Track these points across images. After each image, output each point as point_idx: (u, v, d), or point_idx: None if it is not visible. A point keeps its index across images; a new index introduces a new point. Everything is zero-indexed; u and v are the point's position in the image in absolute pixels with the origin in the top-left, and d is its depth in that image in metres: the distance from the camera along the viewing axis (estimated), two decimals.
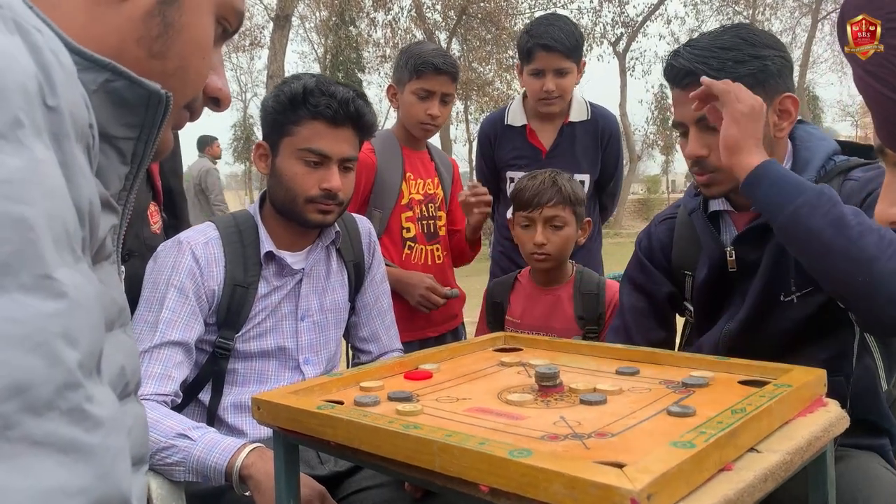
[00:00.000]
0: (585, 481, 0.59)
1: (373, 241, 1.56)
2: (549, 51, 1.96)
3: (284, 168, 1.33)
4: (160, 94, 0.52)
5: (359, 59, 16.57)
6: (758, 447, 0.74)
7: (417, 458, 0.71)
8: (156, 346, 1.23)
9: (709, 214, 1.30)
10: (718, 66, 1.15)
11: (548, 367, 0.94)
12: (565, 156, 2.09)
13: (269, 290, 1.36)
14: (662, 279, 1.38)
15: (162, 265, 1.29)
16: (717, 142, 1.15)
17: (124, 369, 0.53)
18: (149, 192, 1.39)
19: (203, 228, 1.35)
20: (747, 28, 1.21)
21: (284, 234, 1.39)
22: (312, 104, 1.30)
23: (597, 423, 0.79)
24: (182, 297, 1.27)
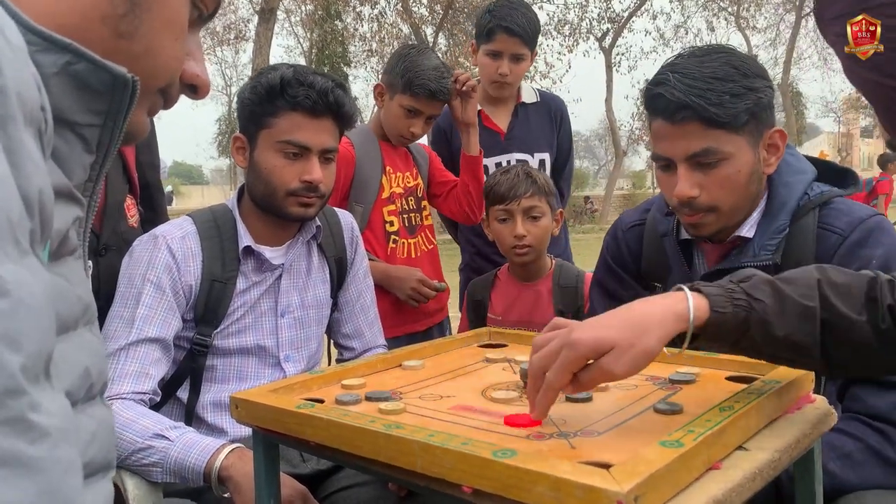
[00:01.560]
0: (571, 483, 0.57)
1: (355, 235, 1.53)
2: (510, 34, 1.96)
3: (263, 161, 1.30)
4: (126, 78, 0.50)
5: (344, 54, 16.47)
6: (746, 445, 0.73)
7: (399, 458, 0.69)
8: (132, 344, 1.20)
9: (681, 241, 1.26)
10: (716, 101, 1.06)
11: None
12: (524, 136, 2.10)
13: (248, 285, 1.33)
14: (635, 285, 1.33)
15: (137, 260, 1.26)
16: (710, 181, 1.11)
17: (88, 370, 0.51)
18: (125, 185, 1.36)
19: (179, 223, 1.32)
20: (735, 54, 1.13)
21: (264, 229, 1.36)
22: (291, 95, 1.27)
23: (583, 422, 0.77)
24: (158, 293, 1.24)
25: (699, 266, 1.24)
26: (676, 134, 1.11)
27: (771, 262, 1.13)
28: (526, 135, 2.10)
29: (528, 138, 2.10)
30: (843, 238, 1.09)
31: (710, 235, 1.18)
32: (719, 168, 1.11)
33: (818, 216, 1.13)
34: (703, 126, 1.09)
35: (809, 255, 1.12)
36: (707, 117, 1.07)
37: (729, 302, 0.77)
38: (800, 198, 1.15)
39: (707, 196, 1.12)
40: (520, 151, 2.09)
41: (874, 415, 1.01)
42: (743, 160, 1.12)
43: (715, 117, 1.07)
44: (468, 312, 1.76)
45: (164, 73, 0.57)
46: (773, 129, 1.14)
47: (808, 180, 1.17)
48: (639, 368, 0.73)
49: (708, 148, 1.10)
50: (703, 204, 1.13)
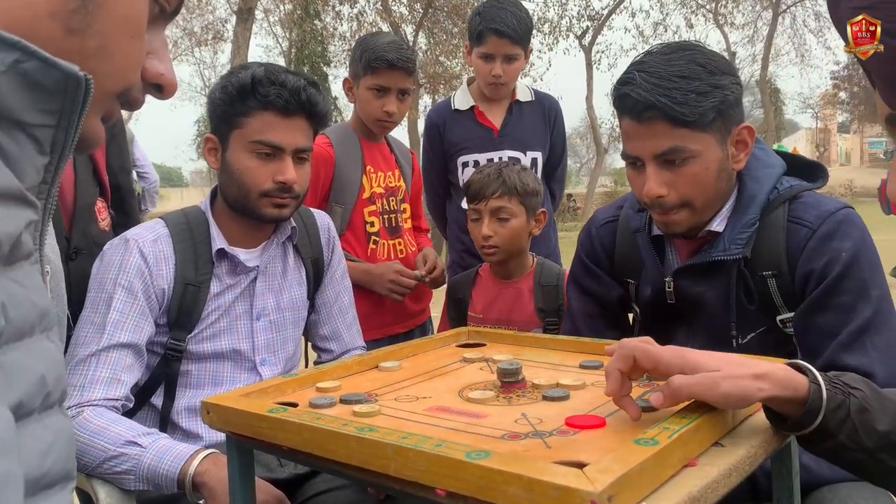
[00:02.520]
0: (544, 483, 0.56)
1: (332, 236, 1.51)
2: (500, 36, 1.95)
3: (235, 161, 1.28)
4: (78, 76, 0.48)
5: (324, 53, 16.37)
6: (722, 441, 0.72)
7: (372, 462, 0.68)
8: (103, 350, 1.17)
9: (653, 236, 1.26)
10: (682, 100, 1.07)
11: (510, 363, 0.91)
12: (517, 133, 2.10)
13: (222, 288, 1.31)
14: (610, 282, 1.34)
15: (108, 264, 1.23)
16: (678, 179, 1.11)
17: (45, 379, 0.49)
18: (96, 188, 1.33)
19: (151, 225, 1.30)
20: (700, 51, 1.13)
21: (238, 230, 1.33)
22: (262, 94, 1.25)
23: (559, 421, 0.76)
24: (130, 297, 1.21)
25: (672, 261, 1.24)
26: (644, 133, 1.11)
27: (741, 255, 1.13)
28: (519, 133, 2.10)
29: (521, 136, 2.10)
30: (813, 231, 1.10)
31: (684, 231, 1.18)
32: (687, 166, 1.11)
33: (788, 210, 1.14)
34: (669, 125, 1.09)
35: (780, 248, 1.12)
36: (673, 116, 1.07)
37: (826, 381, 0.74)
38: (769, 192, 1.15)
39: (676, 194, 1.13)
40: (512, 149, 2.10)
41: None
42: (711, 157, 1.12)
43: (681, 116, 1.07)
44: (448, 310, 1.75)
45: (120, 73, 0.55)
46: (742, 126, 1.14)
47: (777, 174, 1.17)
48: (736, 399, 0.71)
49: (675, 147, 1.10)
50: (672, 202, 1.13)
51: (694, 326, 1.22)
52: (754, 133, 1.17)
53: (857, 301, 1.04)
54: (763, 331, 1.16)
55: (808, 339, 1.10)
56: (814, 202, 1.14)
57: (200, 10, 16.84)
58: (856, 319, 1.04)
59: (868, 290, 1.04)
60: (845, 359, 1.03)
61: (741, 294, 1.16)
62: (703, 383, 0.70)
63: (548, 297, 1.61)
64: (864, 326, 1.03)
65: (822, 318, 1.07)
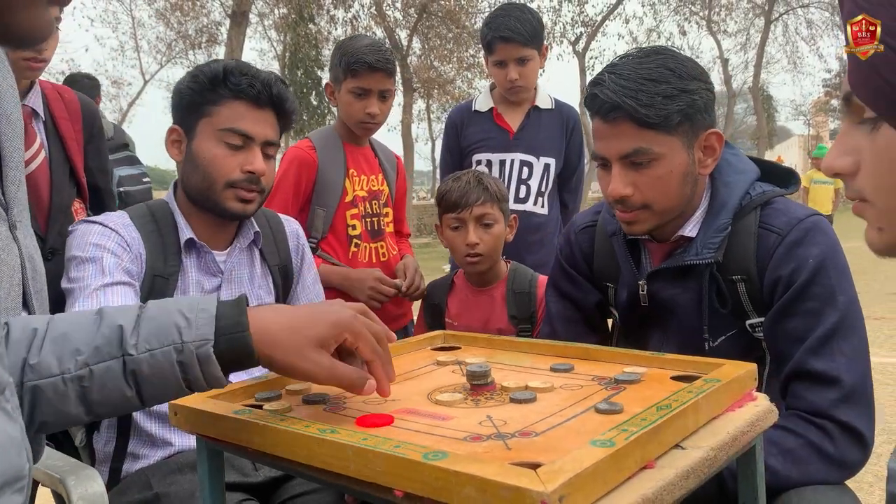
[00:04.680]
0: (497, 484, 0.56)
1: (301, 243, 1.48)
2: (507, 42, 2.00)
3: (202, 151, 1.25)
4: None
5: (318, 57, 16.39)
6: (683, 444, 0.73)
7: (333, 463, 0.68)
8: (108, 285, 1.16)
9: (628, 240, 1.27)
10: (648, 101, 1.08)
11: (479, 366, 0.92)
12: (532, 137, 2.14)
13: (189, 286, 1.29)
14: (589, 287, 1.35)
15: (83, 235, 1.21)
16: (642, 179, 1.12)
17: None
18: (72, 189, 1.33)
19: (117, 216, 1.27)
20: (672, 55, 1.14)
21: (201, 228, 1.31)
22: (234, 83, 1.24)
23: (522, 422, 0.77)
24: (116, 257, 1.19)
25: (646, 265, 1.25)
26: (610, 133, 1.13)
27: (713, 259, 1.14)
28: (534, 137, 2.14)
29: (536, 141, 2.14)
30: (782, 237, 1.11)
31: (646, 233, 1.20)
32: (651, 168, 1.12)
33: (759, 216, 1.15)
34: (634, 126, 1.10)
35: (750, 253, 1.13)
36: (638, 118, 1.09)
37: None
38: (741, 197, 1.16)
39: (640, 195, 1.14)
40: (525, 152, 2.14)
41: (815, 411, 1.03)
42: (676, 161, 1.13)
43: (645, 118, 1.09)
44: (425, 316, 1.75)
45: None
46: (710, 131, 1.15)
47: (749, 180, 1.18)
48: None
49: (639, 148, 1.11)
50: (635, 202, 1.15)
51: (668, 329, 1.23)
52: (723, 139, 1.18)
53: (824, 307, 1.05)
54: (734, 334, 1.17)
55: (776, 343, 1.11)
56: (784, 209, 1.15)
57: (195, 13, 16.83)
58: (823, 325, 1.05)
59: (835, 296, 1.05)
60: (812, 363, 1.04)
61: (713, 298, 1.17)
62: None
63: (521, 304, 1.62)
64: (831, 332, 1.04)
65: (790, 323, 1.08)
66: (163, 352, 0.73)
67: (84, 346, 0.72)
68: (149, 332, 0.73)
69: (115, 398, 0.73)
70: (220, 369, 0.74)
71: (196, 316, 0.74)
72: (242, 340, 0.74)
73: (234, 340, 0.74)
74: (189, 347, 0.73)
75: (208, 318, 0.74)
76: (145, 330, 0.73)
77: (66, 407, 0.71)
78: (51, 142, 1.40)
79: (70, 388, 0.71)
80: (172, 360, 0.73)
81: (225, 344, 0.74)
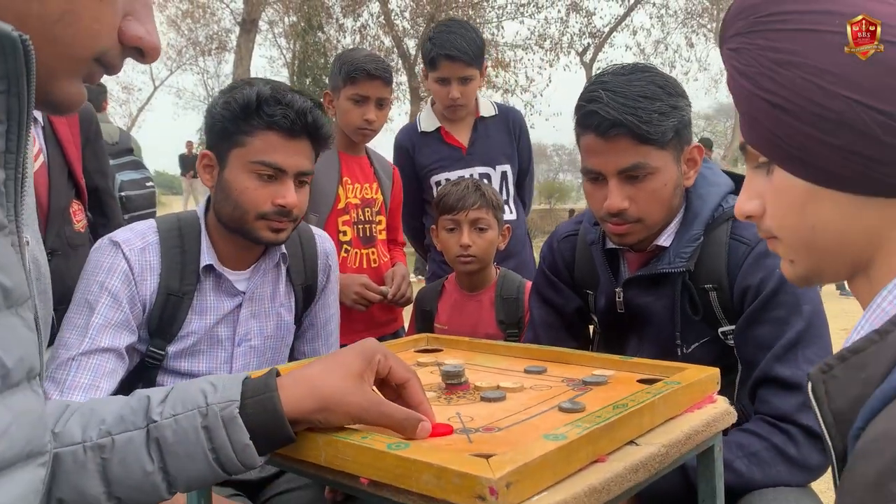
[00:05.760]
0: (451, 471, 0.61)
1: (330, 263, 1.48)
2: (453, 60, 2.02)
3: (234, 181, 1.24)
4: (12, 38, 0.47)
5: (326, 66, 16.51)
6: (637, 440, 0.77)
7: (306, 453, 0.73)
8: (84, 353, 1.17)
9: (606, 249, 1.32)
10: (647, 119, 1.12)
11: (453, 367, 0.96)
12: (484, 149, 2.16)
13: (206, 307, 1.29)
14: (570, 294, 1.40)
15: (96, 266, 1.23)
16: (639, 193, 1.16)
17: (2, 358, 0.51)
18: (71, 190, 1.38)
19: (143, 231, 1.27)
20: (658, 73, 1.19)
21: (228, 250, 1.31)
22: (268, 114, 1.20)
23: (488, 419, 0.81)
24: (115, 303, 1.21)
25: (623, 273, 1.30)
26: (608, 149, 1.16)
27: (685, 268, 1.19)
28: (487, 148, 2.17)
29: (489, 151, 2.17)
30: (751, 248, 1.15)
31: (635, 243, 1.24)
32: (647, 182, 1.17)
33: (731, 227, 1.19)
34: (633, 142, 1.14)
35: (721, 263, 1.18)
36: (640, 134, 1.13)
37: None
38: (714, 209, 1.21)
39: (636, 208, 1.18)
40: (481, 165, 2.16)
41: (780, 415, 1.07)
42: (669, 174, 1.18)
43: (646, 134, 1.13)
44: (416, 321, 1.80)
45: (90, 37, 0.54)
46: (692, 145, 1.21)
47: (722, 192, 1.23)
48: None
49: (638, 163, 1.15)
50: (631, 215, 1.19)
51: (643, 336, 1.27)
52: (703, 152, 1.23)
53: (790, 315, 1.10)
54: (706, 341, 1.21)
55: (746, 350, 1.15)
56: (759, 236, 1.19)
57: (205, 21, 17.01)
58: (788, 333, 1.09)
59: (800, 304, 1.10)
60: (777, 370, 1.08)
61: (686, 306, 1.21)
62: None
63: (509, 310, 1.67)
64: (797, 339, 1.09)
65: (758, 330, 1.12)
66: (187, 416, 0.70)
67: (110, 415, 0.70)
68: (175, 399, 0.71)
69: (137, 474, 0.68)
70: (249, 436, 0.69)
71: (223, 383, 0.72)
72: (270, 402, 0.70)
73: (261, 403, 0.70)
74: (213, 409, 0.69)
75: (235, 382, 0.72)
76: (172, 398, 0.71)
77: (85, 481, 0.67)
78: (49, 146, 1.44)
79: (90, 457, 0.68)
80: (197, 424, 0.69)
81: (252, 408, 0.70)
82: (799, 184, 0.61)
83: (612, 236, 1.24)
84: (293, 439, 0.71)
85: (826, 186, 0.59)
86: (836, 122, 0.56)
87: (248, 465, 0.70)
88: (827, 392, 0.53)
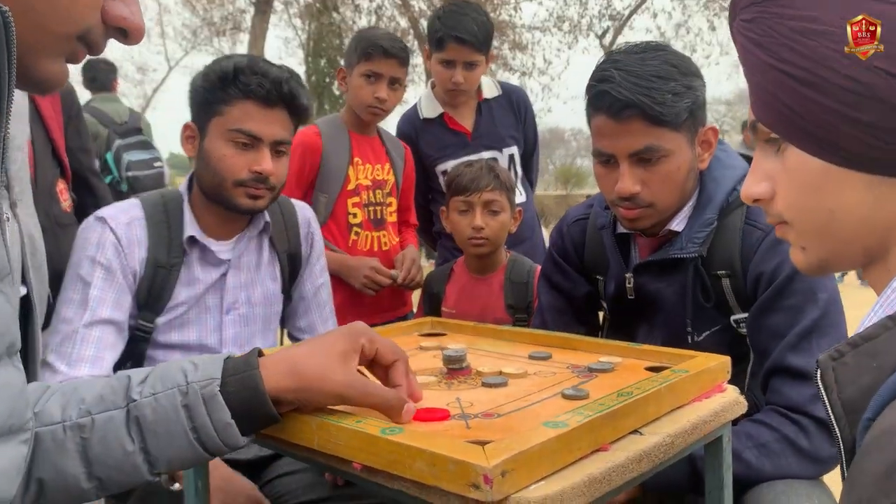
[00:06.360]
0: (445, 458, 0.59)
1: (312, 230, 1.50)
2: (461, 43, 1.93)
3: (212, 150, 1.27)
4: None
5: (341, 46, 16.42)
6: (642, 429, 0.75)
7: (299, 436, 0.72)
8: (86, 325, 1.19)
9: (617, 233, 1.28)
10: (661, 99, 1.08)
11: (455, 351, 0.94)
12: (490, 133, 2.10)
13: (193, 277, 1.32)
14: (579, 279, 1.37)
15: (84, 242, 1.25)
16: (651, 176, 1.13)
17: None
18: (56, 169, 1.36)
19: (127, 206, 1.31)
20: (672, 52, 1.14)
21: (212, 220, 1.34)
22: (243, 83, 1.25)
23: (489, 405, 0.79)
24: (109, 275, 1.23)
25: (634, 258, 1.27)
26: (620, 131, 1.12)
27: (697, 254, 1.15)
28: (492, 131, 2.11)
29: (495, 135, 2.11)
30: (766, 234, 1.12)
31: (647, 228, 1.20)
32: (661, 164, 1.13)
33: (745, 212, 1.16)
34: (646, 124, 1.10)
35: (734, 249, 1.14)
36: (653, 116, 1.09)
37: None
38: (728, 193, 1.17)
39: (648, 192, 1.15)
40: (488, 149, 2.10)
41: (792, 406, 1.04)
42: (682, 157, 1.14)
43: (660, 116, 1.09)
44: (424, 305, 1.78)
45: (70, 14, 0.55)
46: (707, 127, 1.17)
47: (737, 175, 1.19)
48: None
49: (650, 145, 1.12)
50: (644, 200, 1.15)
51: (654, 323, 1.24)
52: (718, 134, 1.19)
53: (805, 303, 1.06)
54: (718, 329, 1.18)
55: (758, 339, 1.12)
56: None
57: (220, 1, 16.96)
58: (803, 321, 1.06)
59: (815, 292, 1.06)
60: (790, 359, 1.05)
61: (698, 292, 1.18)
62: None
63: (518, 294, 1.64)
64: (811, 328, 1.05)
65: (771, 319, 1.09)
66: (167, 394, 0.68)
67: (90, 395, 0.69)
68: (155, 378, 0.70)
69: (117, 454, 0.67)
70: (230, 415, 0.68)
71: (204, 361, 0.71)
72: (252, 379, 0.68)
73: (242, 381, 0.69)
74: (194, 388, 0.68)
75: (216, 361, 0.71)
76: (153, 377, 0.70)
77: (65, 461, 0.66)
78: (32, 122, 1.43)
79: (69, 437, 0.66)
80: (177, 403, 0.67)
81: (233, 385, 0.68)
82: (816, 164, 0.57)
83: (623, 221, 1.21)
84: (277, 419, 0.70)
85: (849, 167, 0.55)
86: (866, 96, 0.52)
87: (231, 445, 0.69)
88: (837, 380, 0.50)
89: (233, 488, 1.10)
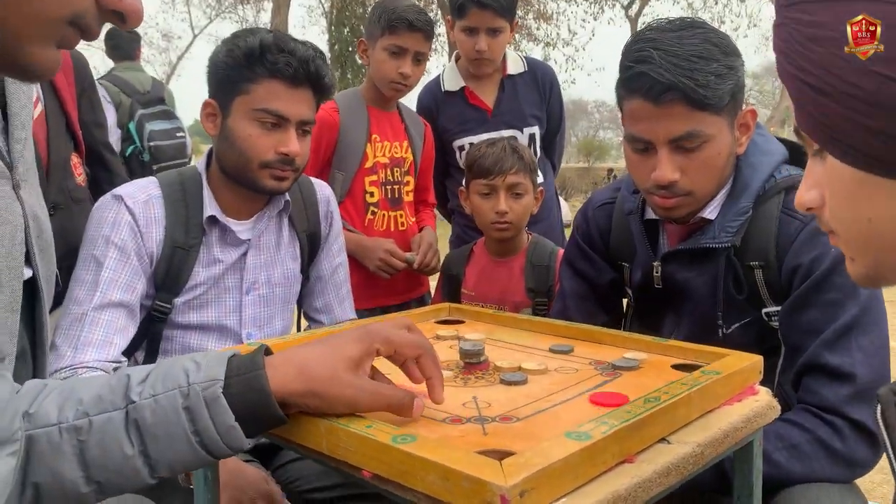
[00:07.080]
0: (459, 474, 0.55)
1: (331, 209, 1.47)
2: (483, 8, 1.86)
3: (237, 129, 1.24)
4: None
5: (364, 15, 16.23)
6: (669, 438, 0.70)
7: (307, 438, 0.68)
8: (96, 308, 1.17)
9: (645, 220, 1.23)
10: (704, 82, 1.01)
11: (472, 345, 0.90)
12: (511, 111, 2.03)
13: (212, 258, 1.29)
14: (603, 265, 1.31)
15: (100, 221, 1.22)
16: (691, 164, 1.06)
17: None
18: (70, 143, 1.33)
19: (145, 185, 1.28)
20: (712, 29, 1.07)
21: (232, 200, 1.30)
22: (270, 62, 1.20)
23: (507, 406, 0.75)
24: (123, 256, 1.21)
25: (662, 246, 1.21)
26: (659, 115, 1.05)
27: (730, 243, 1.10)
28: (514, 109, 2.04)
29: (517, 113, 2.04)
30: (804, 224, 1.06)
31: (683, 217, 1.14)
32: (701, 151, 1.07)
33: (783, 200, 1.09)
34: (688, 108, 1.04)
35: (770, 239, 1.08)
36: (696, 99, 1.02)
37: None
38: (765, 180, 1.11)
39: (687, 180, 1.08)
40: (508, 128, 2.03)
41: (827, 407, 0.99)
42: (723, 142, 1.08)
43: (703, 99, 1.02)
44: (442, 286, 1.74)
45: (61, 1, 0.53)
46: (747, 109, 1.10)
47: (775, 162, 1.12)
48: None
49: (692, 130, 1.05)
50: (683, 188, 1.09)
51: (681, 313, 1.19)
52: (756, 116, 1.12)
53: (845, 299, 1.00)
54: (748, 322, 1.12)
55: (792, 335, 1.06)
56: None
57: None
58: (842, 317, 1.00)
59: (856, 288, 1.00)
60: (826, 357, 1.00)
61: (729, 283, 1.12)
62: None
63: (539, 277, 1.59)
64: (851, 325, 0.99)
65: (807, 314, 1.03)
66: (167, 396, 0.64)
67: (87, 395, 0.65)
68: (156, 378, 0.66)
69: (116, 458, 0.63)
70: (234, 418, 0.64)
71: (207, 360, 0.67)
72: (257, 380, 0.65)
73: (247, 381, 0.65)
74: (195, 389, 0.64)
75: (219, 360, 0.67)
76: (153, 377, 0.66)
77: (62, 464, 0.63)
78: (46, 95, 1.40)
79: (66, 439, 0.63)
80: (177, 405, 0.64)
81: (237, 387, 0.64)
82: (848, 171, 0.54)
83: (657, 209, 1.14)
84: (284, 420, 0.66)
85: (873, 173, 0.52)
86: (871, 103, 0.49)
87: (235, 448, 0.65)
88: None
89: (242, 481, 1.08)
